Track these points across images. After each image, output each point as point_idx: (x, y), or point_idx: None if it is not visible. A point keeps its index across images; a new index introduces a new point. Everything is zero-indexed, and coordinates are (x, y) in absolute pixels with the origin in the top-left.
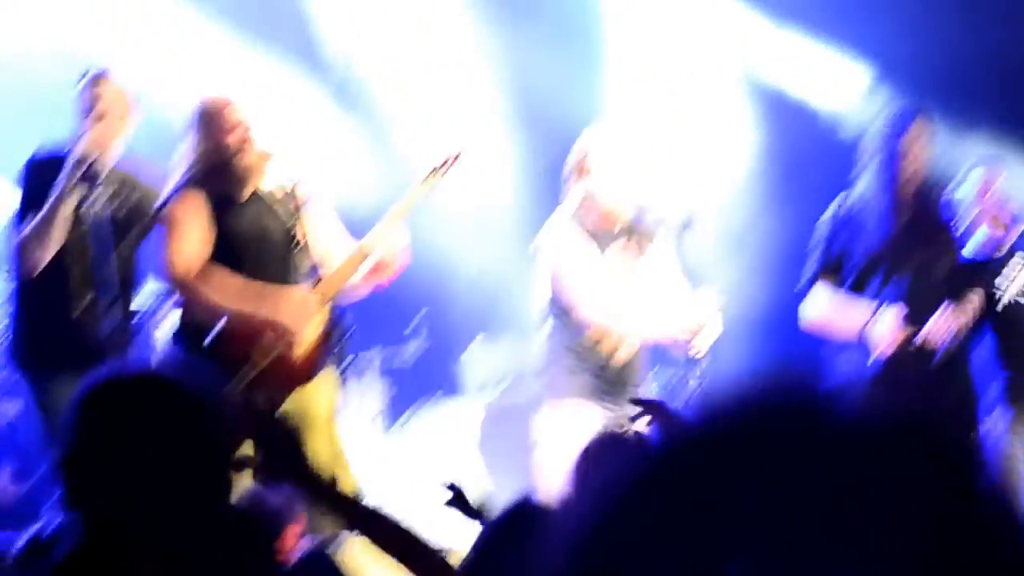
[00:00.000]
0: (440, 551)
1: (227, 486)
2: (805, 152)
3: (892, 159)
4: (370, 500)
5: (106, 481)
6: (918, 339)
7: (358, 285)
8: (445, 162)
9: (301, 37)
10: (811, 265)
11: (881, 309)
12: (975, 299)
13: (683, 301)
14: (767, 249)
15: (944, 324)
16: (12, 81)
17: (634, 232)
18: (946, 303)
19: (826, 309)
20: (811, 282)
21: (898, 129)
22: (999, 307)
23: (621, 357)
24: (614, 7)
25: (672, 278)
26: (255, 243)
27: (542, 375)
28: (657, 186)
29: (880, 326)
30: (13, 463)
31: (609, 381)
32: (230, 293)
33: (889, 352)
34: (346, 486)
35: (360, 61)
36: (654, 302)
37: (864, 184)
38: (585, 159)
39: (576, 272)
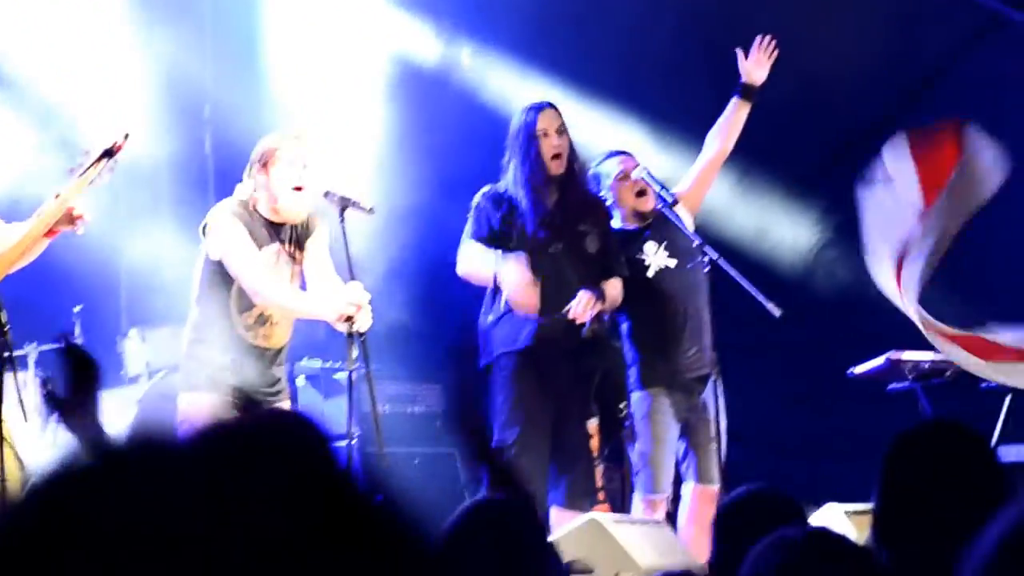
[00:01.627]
0: None
1: None
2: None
3: (530, 146)
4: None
5: None
6: (566, 313)
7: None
8: (103, 156)
9: None
10: (465, 235)
11: (505, 257)
12: (617, 281)
13: (334, 288)
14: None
15: (588, 300)
16: None
17: (293, 239)
18: (590, 285)
19: (469, 265)
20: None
21: (532, 117)
22: (639, 282)
23: (274, 340)
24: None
25: (323, 271)
26: None
27: (181, 366)
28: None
29: (505, 272)
30: None
31: (241, 373)
32: None
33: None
34: (11, 468)
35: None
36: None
37: (511, 173)
38: (270, 154)
39: (246, 247)
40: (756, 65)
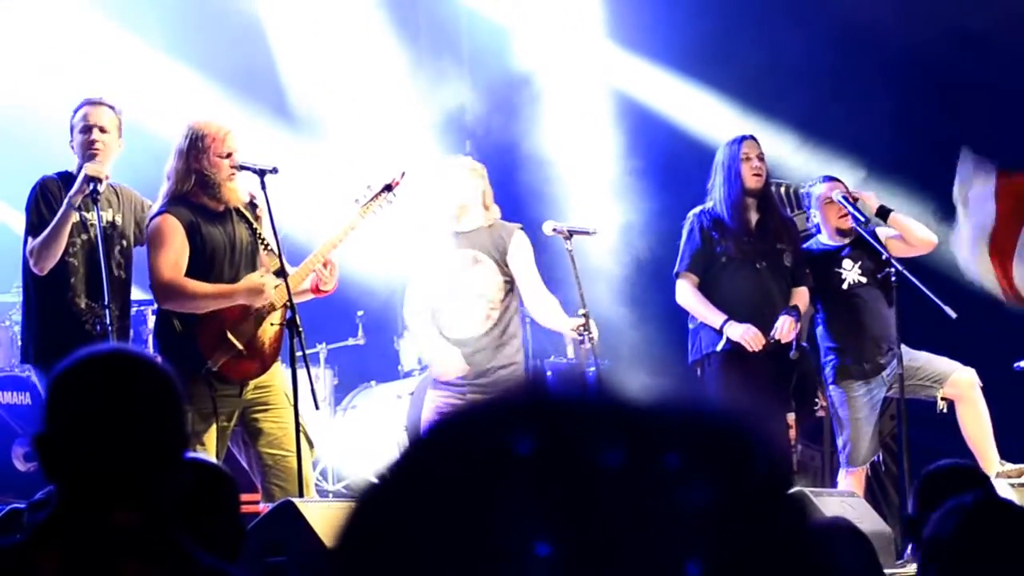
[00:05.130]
0: None
1: (186, 443)
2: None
3: (734, 166)
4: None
5: (76, 445)
6: (774, 335)
7: (305, 292)
8: (383, 190)
9: (268, 83)
10: (678, 263)
11: (729, 323)
12: (804, 290)
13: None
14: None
15: (790, 324)
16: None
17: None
18: (787, 302)
19: (687, 303)
20: (676, 276)
21: (737, 144)
22: (835, 292)
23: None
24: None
25: (532, 281)
26: (229, 248)
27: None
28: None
29: (731, 332)
30: (25, 446)
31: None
32: (206, 290)
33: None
34: (305, 448)
35: (315, 97)
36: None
37: (716, 193)
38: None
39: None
40: None
